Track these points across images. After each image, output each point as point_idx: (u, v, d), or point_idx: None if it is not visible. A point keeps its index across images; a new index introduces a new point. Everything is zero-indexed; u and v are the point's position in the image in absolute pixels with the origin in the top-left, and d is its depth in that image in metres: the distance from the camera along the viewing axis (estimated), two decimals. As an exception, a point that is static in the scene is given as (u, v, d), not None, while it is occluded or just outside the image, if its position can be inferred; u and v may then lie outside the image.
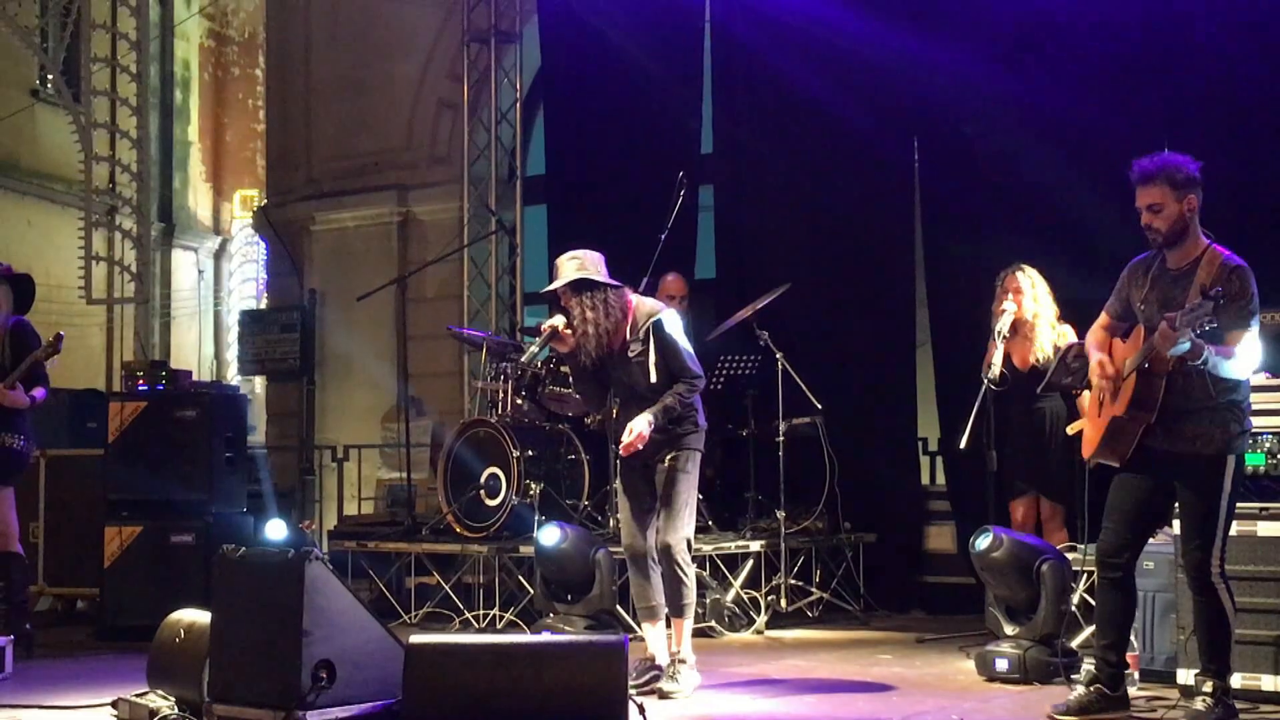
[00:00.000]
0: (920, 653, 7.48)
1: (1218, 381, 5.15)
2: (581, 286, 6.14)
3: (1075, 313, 7.72)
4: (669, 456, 6.15)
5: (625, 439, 6.09)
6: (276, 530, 8.17)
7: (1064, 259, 8.02)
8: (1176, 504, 5.38)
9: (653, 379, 6.12)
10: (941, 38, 9.29)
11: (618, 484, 6.45)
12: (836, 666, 7.09)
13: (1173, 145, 8.64)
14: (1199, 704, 5.21)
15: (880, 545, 9.45)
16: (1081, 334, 7.13)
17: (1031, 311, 7.53)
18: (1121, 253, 5.79)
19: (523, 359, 6.62)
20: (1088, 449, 5.49)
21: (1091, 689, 5.33)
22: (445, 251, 11.55)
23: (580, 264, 6.17)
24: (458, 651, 5.08)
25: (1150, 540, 5.71)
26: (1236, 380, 5.22)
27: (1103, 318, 5.60)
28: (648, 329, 6.14)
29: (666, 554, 6.13)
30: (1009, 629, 6.51)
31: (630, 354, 6.15)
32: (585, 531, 7.89)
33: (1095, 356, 5.45)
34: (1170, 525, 6.05)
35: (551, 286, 6.23)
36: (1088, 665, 6.25)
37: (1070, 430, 5.94)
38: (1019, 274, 7.57)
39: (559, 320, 6.18)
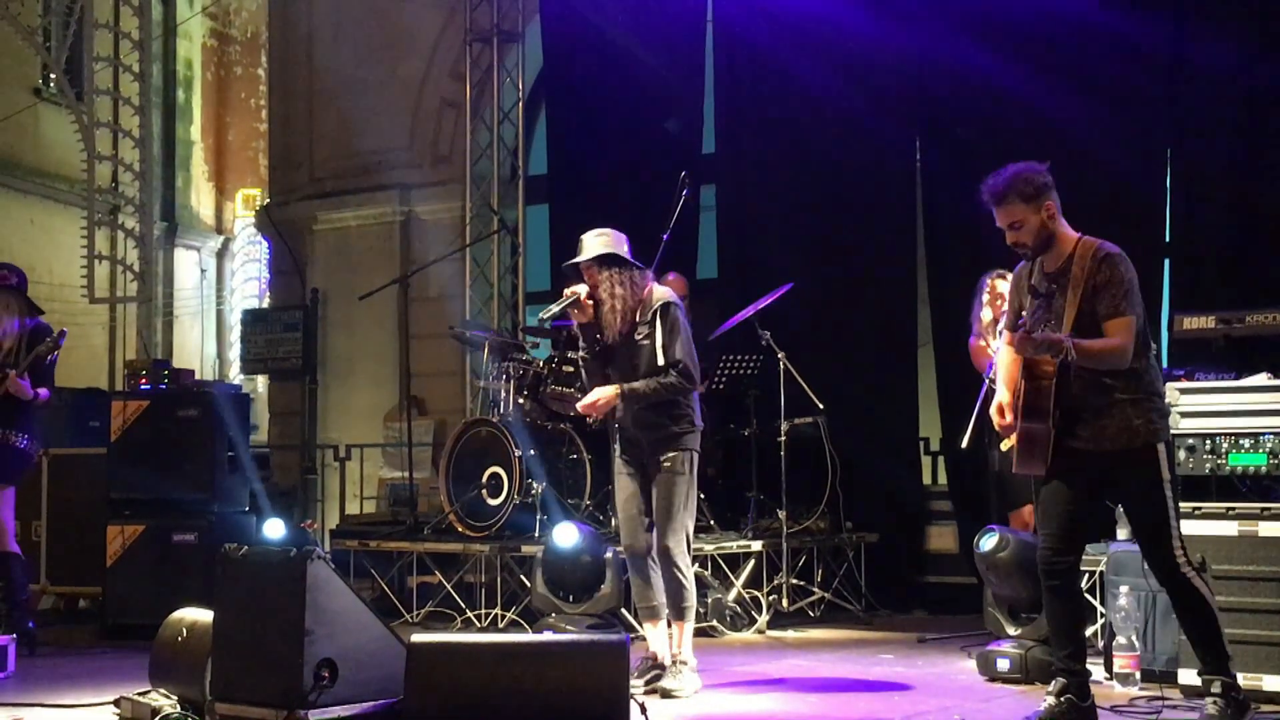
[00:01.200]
0: (922, 652, 7.49)
1: (1118, 375, 5.07)
2: (610, 261, 6.17)
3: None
4: (665, 458, 6.14)
5: (585, 400, 6.12)
6: (275, 530, 8.17)
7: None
8: (1120, 505, 5.32)
9: (660, 362, 6.12)
10: (944, 37, 9.31)
11: (615, 484, 6.44)
12: (838, 666, 7.09)
13: (1175, 144, 8.77)
14: (1210, 706, 5.13)
15: (882, 545, 9.46)
16: None
17: None
18: (1128, 251, 5.78)
19: (541, 315, 6.61)
20: (1015, 463, 5.41)
21: (1062, 700, 5.18)
22: (447, 251, 11.55)
23: (608, 240, 6.21)
24: (459, 651, 5.08)
25: None
26: (1144, 367, 5.12)
27: (1006, 336, 5.46)
28: (656, 311, 6.15)
29: (665, 557, 6.13)
30: (1011, 629, 6.51)
31: (637, 336, 6.15)
32: (595, 531, 7.90)
33: (997, 396, 5.38)
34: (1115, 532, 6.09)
35: (581, 258, 6.22)
36: (1094, 663, 6.28)
37: (1003, 447, 5.84)
38: (996, 280, 7.51)
39: (582, 289, 6.18)
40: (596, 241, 6.21)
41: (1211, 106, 8.57)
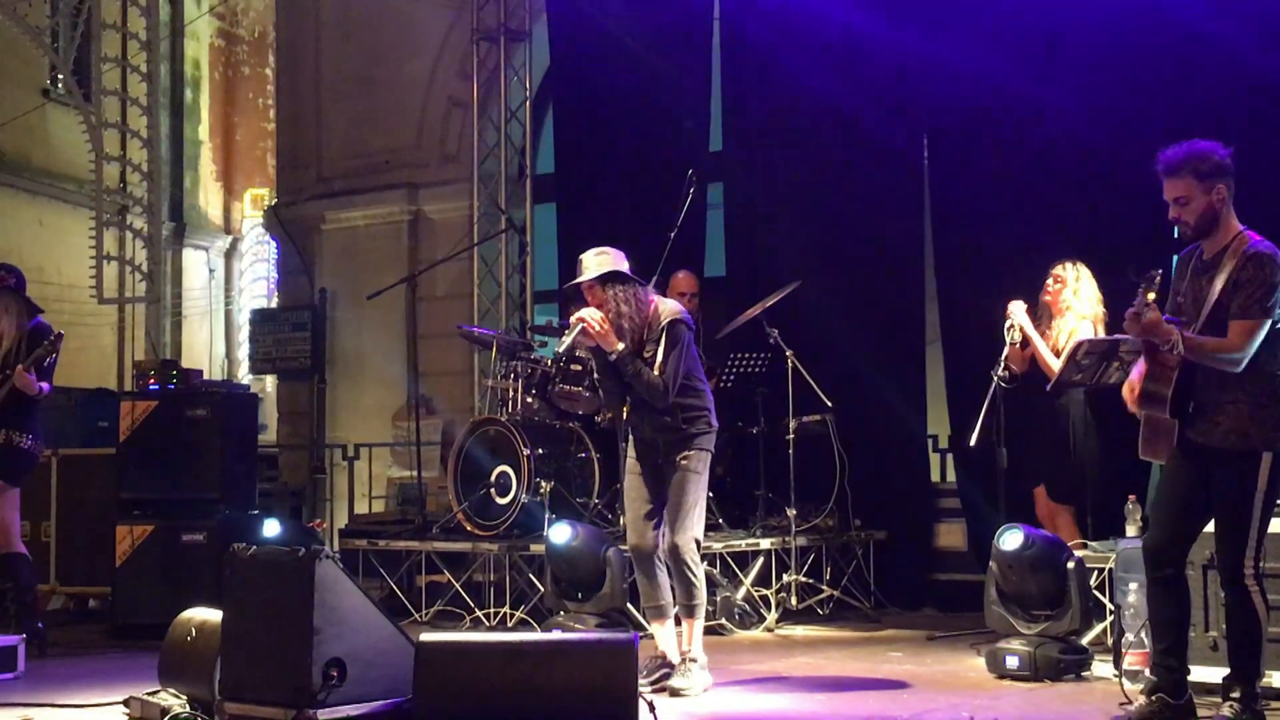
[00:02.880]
0: (931, 650, 7.48)
1: (1251, 375, 4.98)
2: (611, 279, 6.16)
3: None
4: (680, 456, 6.15)
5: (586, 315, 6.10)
6: (272, 529, 8.19)
7: (1073, 256, 8.00)
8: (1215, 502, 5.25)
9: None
10: (951, 36, 9.29)
11: (625, 483, 6.44)
12: (847, 664, 7.09)
13: (1178, 142, 8.74)
14: (1226, 709, 5.08)
15: (891, 543, 9.45)
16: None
17: (1065, 304, 7.57)
18: (1132, 250, 5.77)
19: (558, 349, 6.60)
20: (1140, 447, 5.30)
21: (1154, 698, 5.08)
22: (455, 250, 11.55)
23: (609, 259, 6.19)
24: (468, 650, 5.09)
25: None
26: (1272, 372, 5.02)
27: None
28: (663, 329, 6.15)
29: (675, 555, 6.13)
30: (1022, 626, 6.50)
31: (646, 354, 6.15)
32: (596, 530, 7.89)
33: (1132, 373, 5.30)
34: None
35: (583, 279, 6.21)
36: (1100, 660, 6.26)
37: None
38: (1066, 265, 7.63)
39: (588, 312, 6.18)
40: (596, 261, 6.19)
41: (1214, 104, 8.54)
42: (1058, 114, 8.84)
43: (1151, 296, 4.94)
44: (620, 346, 6.11)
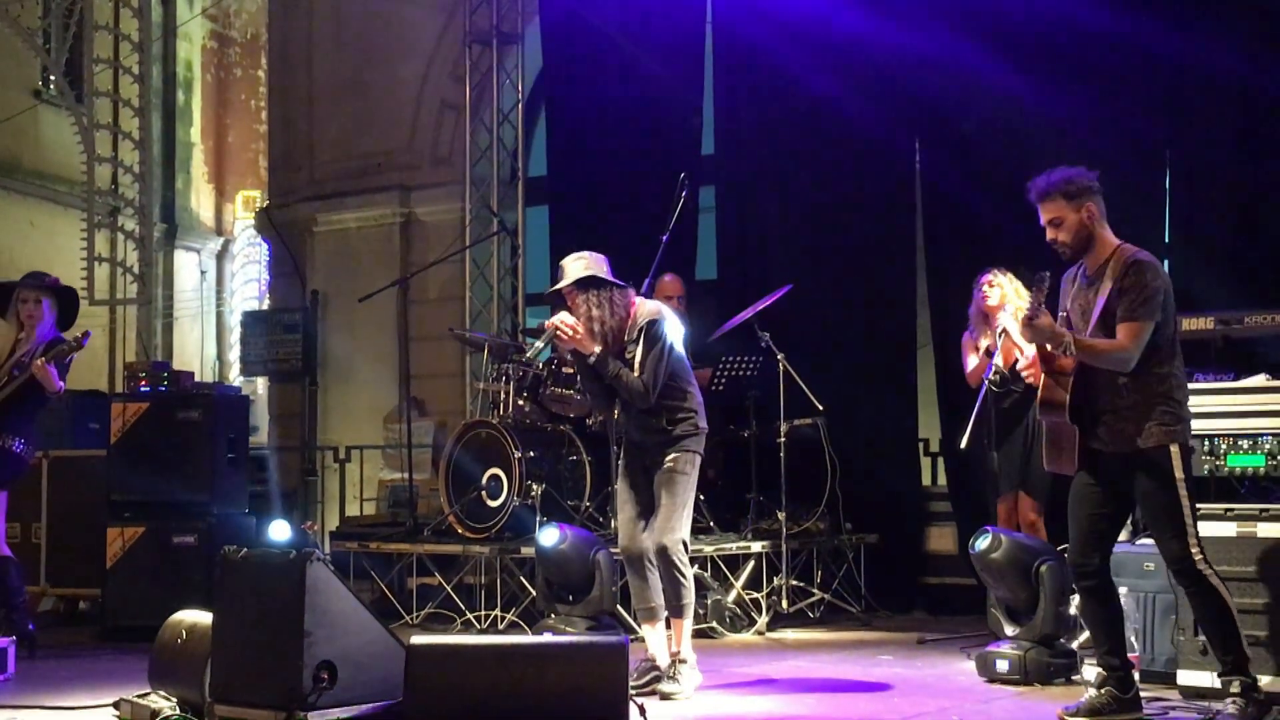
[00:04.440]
0: (921, 654, 7.49)
1: (1137, 378, 5.18)
2: (588, 284, 6.17)
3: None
4: (668, 458, 6.16)
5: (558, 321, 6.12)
6: (280, 531, 8.17)
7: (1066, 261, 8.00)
8: (1138, 506, 5.39)
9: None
10: (943, 38, 9.30)
11: (617, 485, 6.45)
12: (838, 667, 7.10)
13: (1175, 144, 8.76)
14: (1230, 707, 5.17)
15: (881, 546, 9.46)
16: None
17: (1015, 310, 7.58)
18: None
19: (526, 355, 6.62)
20: (1045, 461, 5.54)
21: (1103, 691, 5.33)
22: (447, 252, 11.55)
23: (586, 264, 6.20)
24: (459, 652, 5.09)
25: (1149, 542, 5.71)
26: (1166, 373, 5.21)
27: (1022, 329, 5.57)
28: (641, 329, 6.16)
29: (663, 556, 6.14)
30: (1009, 630, 6.52)
31: (627, 355, 6.16)
32: (585, 532, 7.89)
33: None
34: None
35: (558, 285, 6.23)
36: (1089, 664, 6.28)
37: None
38: (996, 273, 7.62)
39: (561, 316, 6.19)
40: (574, 265, 6.21)
41: (1211, 106, 8.57)
42: (1052, 115, 8.85)
43: (1042, 300, 5.20)
44: (596, 349, 6.12)
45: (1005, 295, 7.55)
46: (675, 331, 6.27)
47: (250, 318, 14.31)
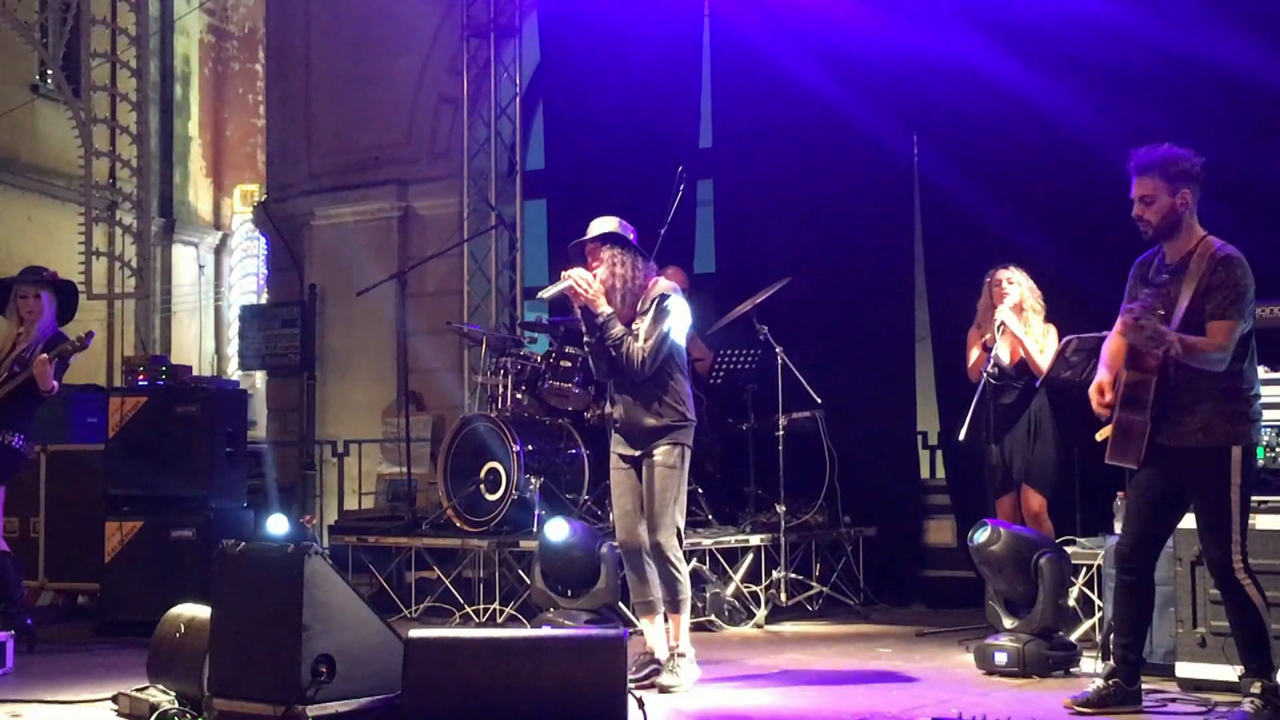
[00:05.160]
0: (920, 646, 7.50)
1: (1212, 375, 5.10)
2: (615, 240, 6.18)
3: (1074, 310, 7.74)
4: (656, 451, 6.15)
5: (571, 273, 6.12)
6: (278, 525, 8.17)
7: (1063, 255, 8.02)
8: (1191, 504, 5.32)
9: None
10: (942, 34, 9.30)
11: (611, 479, 6.43)
12: (836, 660, 7.10)
13: (1174, 142, 8.74)
14: (1247, 705, 5.14)
15: (880, 539, 9.47)
16: (1066, 333, 7.17)
17: (1029, 305, 7.58)
18: (1120, 250, 5.77)
19: (540, 294, 6.63)
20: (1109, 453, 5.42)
21: (1110, 683, 5.35)
22: (445, 246, 11.53)
23: (616, 224, 6.25)
24: (458, 646, 5.09)
25: None
26: (1237, 370, 5.14)
27: (1118, 323, 5.45)
28: (654, 301, 6.16)
29: (658, 551, 6.14)
30: (1008, 622, 6.52)
31: (634, 325, 6.16)
32: (590, 526, 7.90)
33: (1098, 375, 5.40)
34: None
35: (588, 237, 6.24)
36: (1089, 656, 6.29)
37: (1098, 437, 5.84)
38: (1009, 268, 7.61)
39: (580, 271, 6.19)
40: (605, 221, 6.26)
41: (1212, 104, 8.55)
42: (1050, 113, 8.84)
43: (1154, 305, 5.08)
44: (607, 309, 6.11)
45: (1023, 292, 7.55)
46: (683, 317, 6.26)
47: (248, 312, 14.29)
